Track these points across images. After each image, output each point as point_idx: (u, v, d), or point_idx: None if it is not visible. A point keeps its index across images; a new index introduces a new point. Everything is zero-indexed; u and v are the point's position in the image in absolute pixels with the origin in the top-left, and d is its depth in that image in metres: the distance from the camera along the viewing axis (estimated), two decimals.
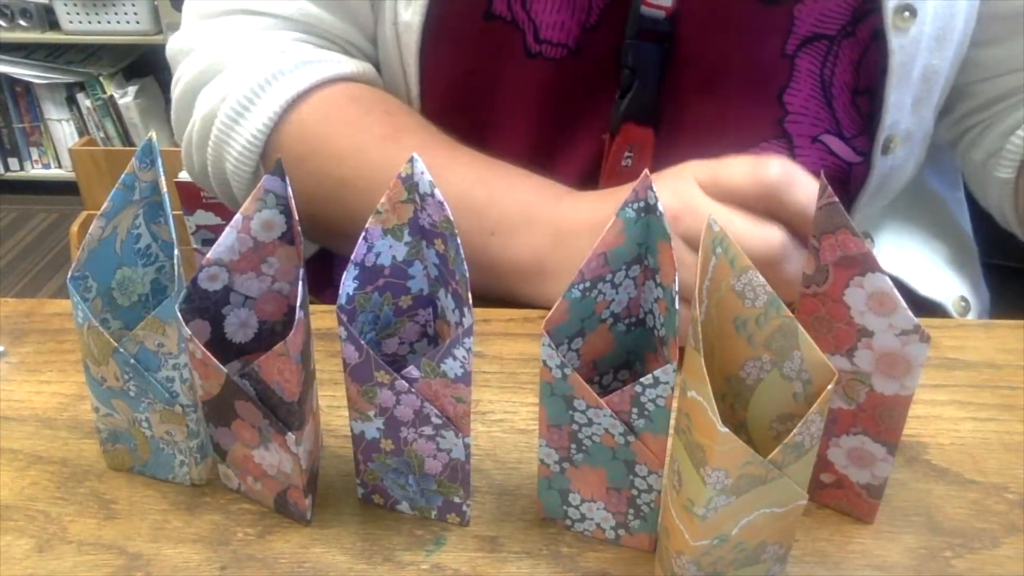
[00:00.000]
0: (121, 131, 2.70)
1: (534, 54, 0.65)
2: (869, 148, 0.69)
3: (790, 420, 0.41)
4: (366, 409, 0.44)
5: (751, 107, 0.66)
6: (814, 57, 0.64)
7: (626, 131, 0.65)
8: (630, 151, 0.65)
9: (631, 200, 0.41)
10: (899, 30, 0.63)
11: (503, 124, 0.68)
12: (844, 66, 0.65)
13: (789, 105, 0.66)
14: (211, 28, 0.68)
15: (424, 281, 0.47)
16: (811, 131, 0.67)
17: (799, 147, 0.67)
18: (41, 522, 0.47)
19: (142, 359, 0.45)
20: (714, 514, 0.38)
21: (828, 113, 0.67)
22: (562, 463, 0.44)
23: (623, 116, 0.64)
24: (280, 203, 0.45)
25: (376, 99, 0.67)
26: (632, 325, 0.46)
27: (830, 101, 0.66)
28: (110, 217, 0.46)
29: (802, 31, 0.63)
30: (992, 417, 0.53)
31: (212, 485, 0.49)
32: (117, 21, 2.56)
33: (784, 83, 0.65)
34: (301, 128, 0.64)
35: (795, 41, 0.64)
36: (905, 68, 0.65)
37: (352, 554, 0.45)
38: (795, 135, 0.66)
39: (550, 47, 0.64)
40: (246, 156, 0.65)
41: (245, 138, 0.64)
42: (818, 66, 0.65)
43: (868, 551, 0.45)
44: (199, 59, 0.68)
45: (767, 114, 0.66)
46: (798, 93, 0.66)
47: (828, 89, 0.66)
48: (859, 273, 0.41)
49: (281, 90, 0.64)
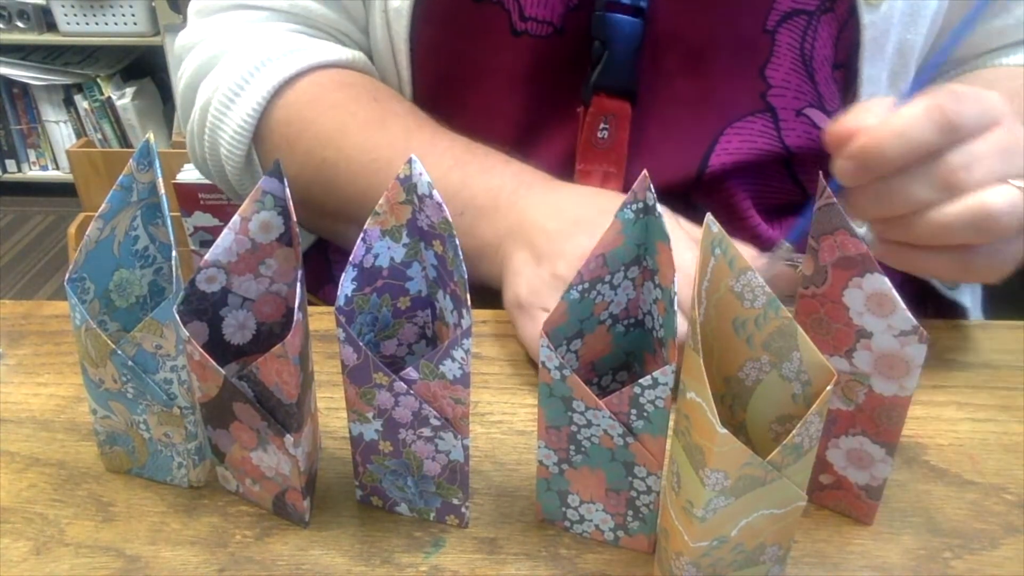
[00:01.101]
0: (119, 132, 2.70)
1: (520, 32, 0.65)
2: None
3: (789, 421, 0.41)
4: (364, 411, 0.44)
5: (734, 81, 0.66)
6: (794, 32, 0.65)
7: (598, 102, 0.65)
8: (605, 123, 0.66)
9: (630, 201, 0.41)
10: (871, 6, 0.64)
11: (492, 104, 0.69)
12: (823, 40, 0.66)
13: (771, 79, 0.66)
14: (210, 24, 0.71)
15: (422, 282, 0.47)
16: (795, 104, 0.67)
17: (784, 120, 0.67)
18: (39, 524, 0.46)
19: (140, 361, 0.45)
20: (713, 515, 0.38)
21: (810, 87, 0.67)
22: (561, 464, 0.44)
23: (593, 87, 0.65)
24: (278, 204, 0.45)
25: (365, 85, 0.69)
26: (631, 326, 0.46)
27: (812, 75, 0.67)
28: (108, 219, 0.45)
29: (782, 6, 0.64)
30: (990, 418, 0.53)
31: (210, 487, 0.49)
32: (115, 23, 2.55)
33: (765, 57, 0.66)
34: (288, 112, 0.67)
35: (775, 16, 0.64)
36: (878, 43, 0.66)
37: (351, 556, 0.45)
38: (779, 108, 0.67)
39: (536, 24, 0.65)
40: (237, 140, 0.67)
41: (236, 123, 0.67)
42: (798, 40, 0.65)
43: (867, 552, 0.45)
44: (198, 54, 0.71)
45: (750, 88, 0.67)
46: (779, 67, 0.66)
47: (809, 63, 0.66)
48: (858, 274, 0.41)
49: (270, 75, 0.66)
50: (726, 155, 0.67)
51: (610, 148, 0.66)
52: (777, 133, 0.68)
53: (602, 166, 0.67)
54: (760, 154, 0.67)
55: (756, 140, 0.67)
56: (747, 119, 0.67)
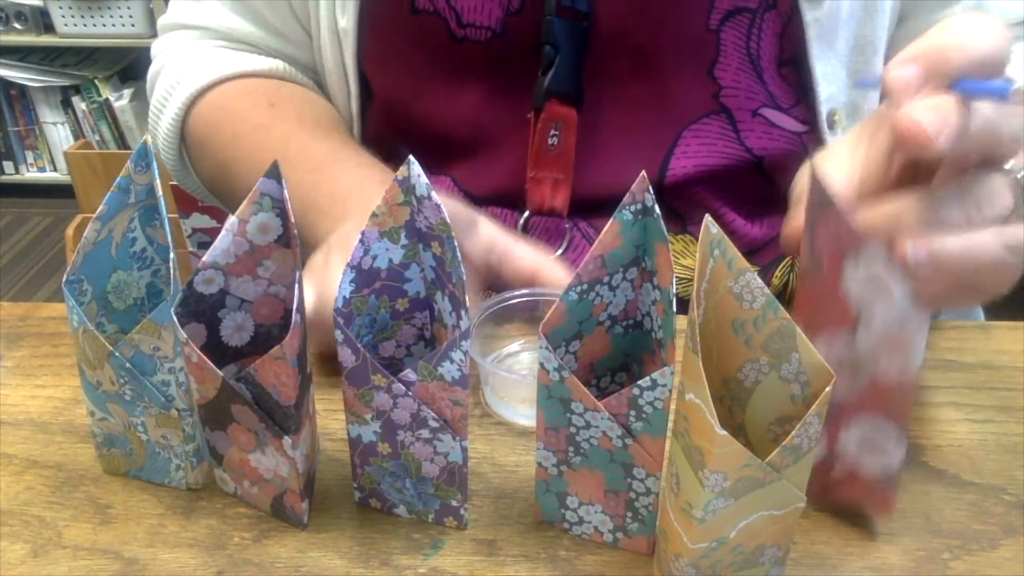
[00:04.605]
0: (116, 134, 2.70)
1: (460, 39, 0.66)
2: (810, 118, 0.69)
3: (788, 422, 0.41)
4: (363, 412, 0.44)
5: (684, 82, 0.66)
6: (738, 31, 0.65)
7: (549, 108, 0.65)
8: (555, 129, 0.66)
9: (628, 202, 0.41)
10: (812, 3, 0.64)
11: (443, 112, 0.70)
12: (768, 38, 0.65)
13: (721, 79, 0.66)
14: (162, 41, 0.82)
15: (421, 284, 0.46)
16: (748, 104, 0.67)
17: (741, 121, 0.67)
18: (36, 527, 0.46)
19: (138, 363, 0.45)
20: (712, 517, 0.38)
21: (760, 86, 0.67)
22: (560, 466, 0.44)
23: (546, 93, 0.65)
24: (276, 206, 0.45)
25: (266, 92, 0.75)
26: (630, 327, 0.46)
27: (760, 74, 0.66)
28: (105, 220, 0.45)
29: (723, 5, 0.64)
30: (989, 419, 0.53)
31: (208, 489, 0.49)
32: (112, 24, 2.55)
33: (713, 58, 0.65)
34: (198, 119, 0.76)
35: (717, 16, 0.64)
36: (826, 40, 0.65)
37: (349, 558, 0.45)
38: (733, 108, 0.67)
39: (475, 30, 0.66)
40: (167, 144, 0.78)
41: (164, 130, 0.78)
42: (743, 39, 0.65)
43: (866, 553, 0.45)
44: (151, 69, 0.82)
45: (702, 89, 0.66)
46: (727, 67, 0.66)
47: (757, 63, 0.66)
48: (853, 257, 0.41)
49: (185, 89, 0.76)
50: (686, 158, 0.67)
51: (559, 155, 0.66)
52: (736, 135, 0.67)
53: (552, 173, 0.67)
54: (723, 157, 0.67)
55: (716, 143, 0.67)
56: (703, 121, 0.67)
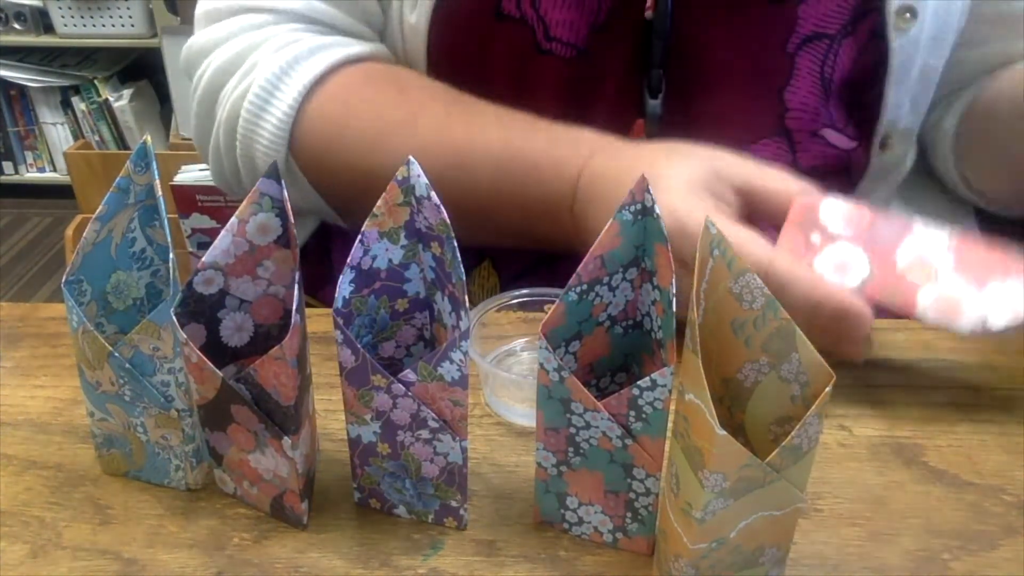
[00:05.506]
0: (116, 134, 2.70)
1: (545, 51, 0.65)
2: (861, 135, 0.70)
3: (788, 423, 0.41)
4: (363, 413, 0.44)
5: (752, 104, 0.66)
6: (814, 56, 0.65)
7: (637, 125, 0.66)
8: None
9: (628, 203, 0.41)
10: (900, 31, 0.64)
11: None
12: (843, 64, 0.66)
13: (789, 102, 0.66)
14: (221, 29, 0.69)
15: (420, 284, 0.46)
16: (810, 126, 0.67)
17: (799, 143, 0.67)
18: (36, 528, 0.46)
19: (137, 363, 0.45)
20: (712, 517, 0.38)
21: (824, 108, 0.67)
22: (559, 466, 0.44)
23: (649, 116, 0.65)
24: (276, 206, 0.45)
25: (388, 77, 0.67)
26: (629, 328, 0.46)
27: (827, 98, 0.67)
28: (105, 221, 0.45)
29: (804, 30, 0.64)
30: (989, 419, 0.53)
31: (208, 490, 0.49)
32: (112, 24, 2.55)
33: (785, 81, 0.66)
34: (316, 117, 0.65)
35: (796, 40, 0.64)
36: (904, 68, 0.66)
37: (349, 559, 0.45)
38: (794, 130, 0.67)
39: (560, 45, 0.65)
40: (274, 147, 0.65)
41: (270, 130, 0.65)
42: (819, 64, 0.65)
43: (866, 553, 0.45)
44: (214, 62, 0.68)
45: (768, 111, 0.67)
46: (797, 90, 0.66)
47: (828, 86, 0.66)
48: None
49: (299, 79, 0.64)
50: None
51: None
52: (792, 156, 0.67)
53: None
54: None
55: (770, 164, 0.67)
56: (763, 142, 0.67)
